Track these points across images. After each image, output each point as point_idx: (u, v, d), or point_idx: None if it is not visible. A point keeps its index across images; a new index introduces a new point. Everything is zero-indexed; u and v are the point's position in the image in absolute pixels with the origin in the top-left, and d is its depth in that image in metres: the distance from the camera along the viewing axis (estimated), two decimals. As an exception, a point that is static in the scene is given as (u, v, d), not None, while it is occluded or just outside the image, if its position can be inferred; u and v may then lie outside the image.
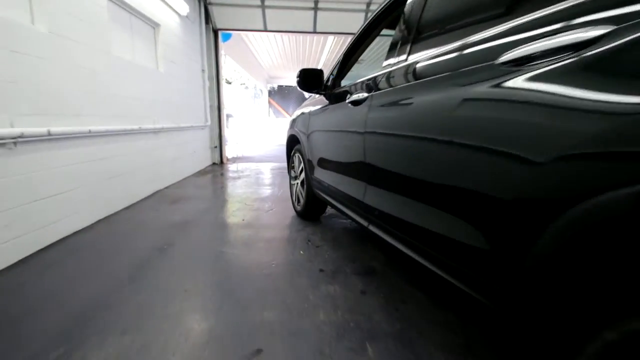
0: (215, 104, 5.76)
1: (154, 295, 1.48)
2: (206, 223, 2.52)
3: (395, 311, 1.38)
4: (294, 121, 2.78)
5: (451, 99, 0.89)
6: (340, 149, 1.71)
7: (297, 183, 2.67)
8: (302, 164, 2.51)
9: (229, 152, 6.74)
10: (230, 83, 11.40)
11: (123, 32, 3.08)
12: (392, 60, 1.31)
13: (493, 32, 0.82)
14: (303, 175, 2.50)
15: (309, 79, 1.97)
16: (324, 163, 2.01)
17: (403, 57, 1.24)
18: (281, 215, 2.75)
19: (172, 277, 1.66)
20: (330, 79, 2.05)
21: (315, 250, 2.01)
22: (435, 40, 1.12)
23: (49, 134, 1.95)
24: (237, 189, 3.85)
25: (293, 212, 2.83)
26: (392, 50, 1.33)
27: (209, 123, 5.43)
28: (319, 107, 2.13)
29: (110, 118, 2.68)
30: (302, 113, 2.47)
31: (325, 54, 9.31)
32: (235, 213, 2.81)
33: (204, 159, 5.43)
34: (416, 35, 1.21)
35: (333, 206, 1.95)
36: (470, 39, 0.90)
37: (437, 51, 1.03)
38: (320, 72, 1.98)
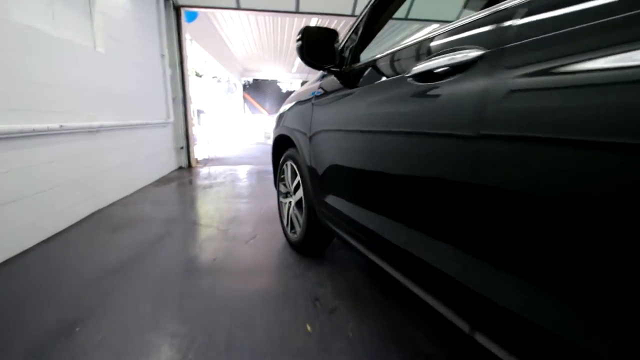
0: (180, 96, 4.82)
1: None
2: (156, 268, 1.70)
3: None
4: (281, 116, 2.00)
5: None
6: (394, 167, 0.94)
7: (291, 202, 1.90)
8: (298, 178, 1.75)
9: (199, 153, 5.82)
10: (200, 76, 10.35)
11: (34, -9, 2.16)
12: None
13: None
14: (300, 193, 1.73)
15: (318, 46, 1.18)
16: (347, 186, 1.24)
17: None
18: (268, 248, 1.97)
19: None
20: (348, 50, 1.30)
21: (329, 321, 1.26)
22: None
23: None
24: (207, 203, 3.02)
25: (282, 240, 2.07)
26: None
27: (171, 119, 4.50)
28: (329, 93, 1.38)
29: (6, 113, 1.78)
30: (299, 103, 1.69)
31: (305, 43, 8.49)
32: (203, 245, 2.00)
33: (167, 163, 4.50)
34: None
35: (383, 268, 1.03)
36: None
37: None
38: (335, 34, 1.21)
